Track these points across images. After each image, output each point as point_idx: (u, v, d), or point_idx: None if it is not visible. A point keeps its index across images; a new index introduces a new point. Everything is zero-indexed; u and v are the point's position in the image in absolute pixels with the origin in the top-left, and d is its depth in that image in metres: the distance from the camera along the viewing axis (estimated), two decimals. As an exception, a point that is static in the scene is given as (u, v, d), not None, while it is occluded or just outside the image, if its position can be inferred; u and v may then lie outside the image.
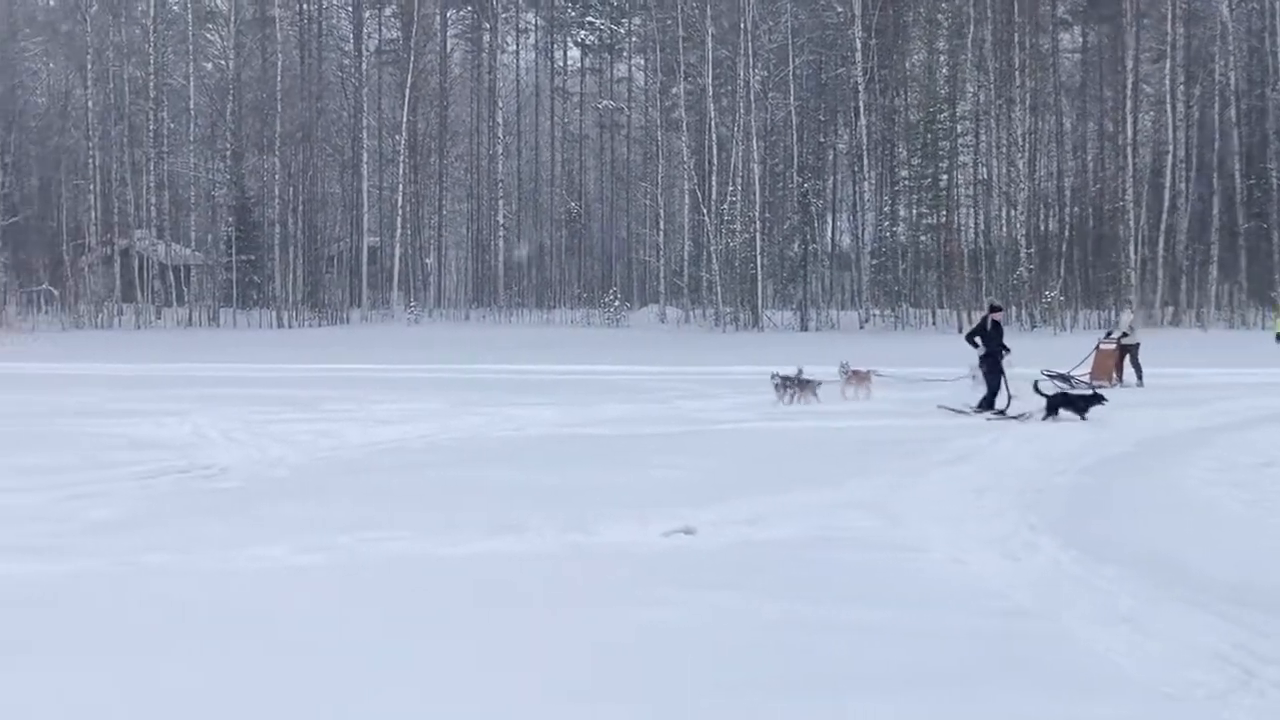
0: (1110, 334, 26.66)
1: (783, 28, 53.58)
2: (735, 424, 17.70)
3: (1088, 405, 17.94)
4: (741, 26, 51.86)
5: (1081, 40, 61.10)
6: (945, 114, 52.66)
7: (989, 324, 19.91)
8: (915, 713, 5.67)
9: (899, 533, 9.64)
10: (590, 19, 68.89)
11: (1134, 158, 51.30)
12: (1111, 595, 7.68)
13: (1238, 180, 51.38)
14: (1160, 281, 50.83)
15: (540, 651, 6.56)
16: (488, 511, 10.27)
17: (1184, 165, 51.91)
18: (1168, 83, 51.71)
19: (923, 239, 54.05)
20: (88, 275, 55.64)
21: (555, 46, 69.69)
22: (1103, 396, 18.28)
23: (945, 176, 53.46)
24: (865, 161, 55.31)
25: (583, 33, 69.35)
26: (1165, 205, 50.85)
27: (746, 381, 23.46)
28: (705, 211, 53.01)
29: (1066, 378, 22.79)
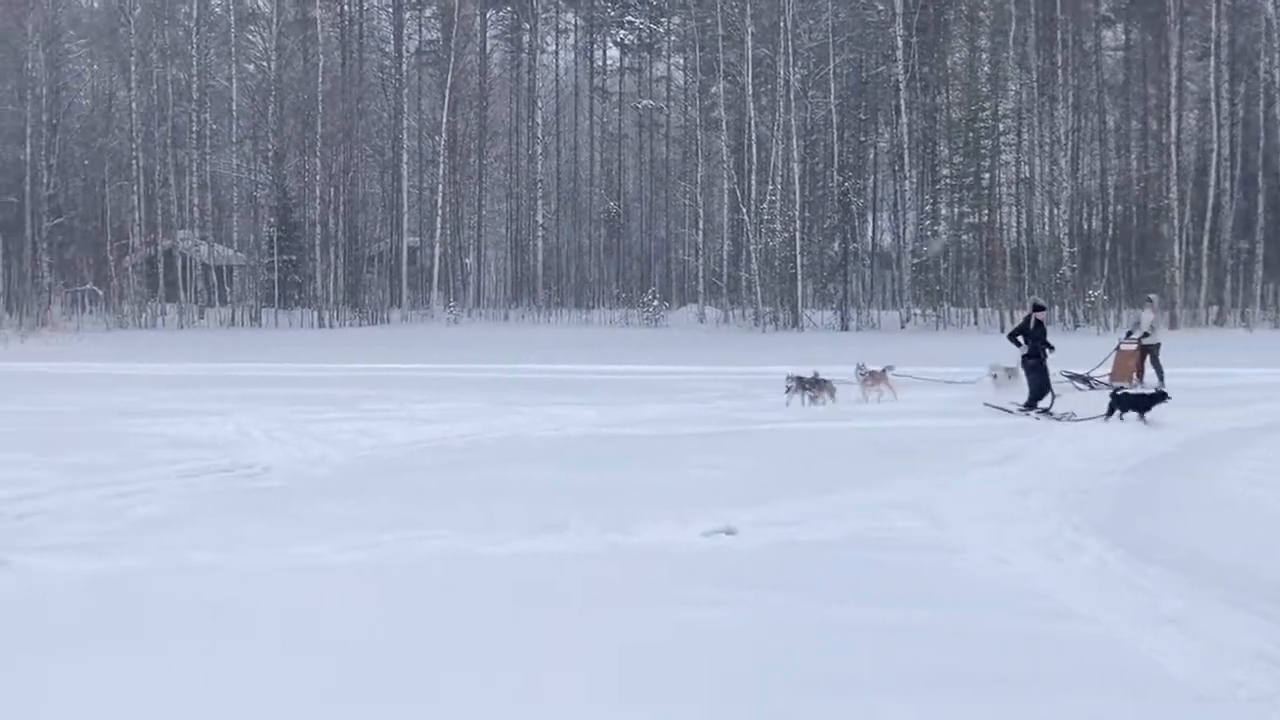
0: (1130, 334, 25.52)
1: (823, 26, 53.39)
2: (776, 424, 17.65)
3: (1151, 405, 17.53)
4: (781, 25, 51.67)
5: (1124, 38, 60.57)
6: (987, 112, 52.29)
7: (1032, 323, 19.81)
8: (958, 713, 5.64)
9: (942, 533, 9.60)
10: (629, 18, 68.79)
11: (1178, 156, 50.79)
12: (1155, 596, 7.62)
13: (1283, 178, 50.89)
14: (1205, 281, 50.33)
15: (579, 651, 6.56)
16: (528, 511, 10.28)
17: (1228, 164, 51.35)
18: (1212, 80, 51.19)
19: (964, 238, 53.75)
20: (131, 275, 56.02)
21: (594, 46, 69.71)
22: (1166, 394, 17.84)
23: (987, 175, 53.11)
24: (906, 160, 54.99)
25: (622, 32, 69.28)
26: (1209, 204, 50.36)
27: (787, 382, 23.39)
28: (744, 211, 52.88)
29: (1086, 378, 22.52)
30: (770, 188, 51.78)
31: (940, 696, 5.81)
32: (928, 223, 54.43)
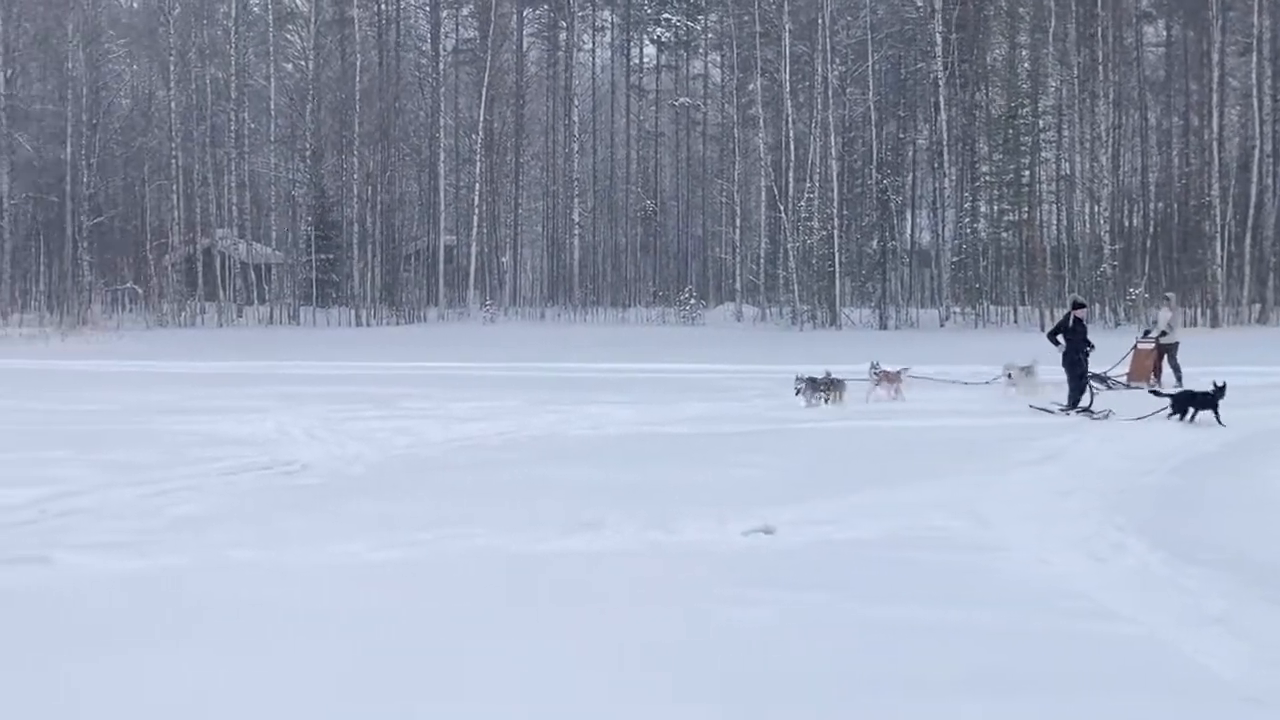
0: (1148, 333, 25.33)
1: (861, 23, 53.23)
2: (815, 423, 17.60)
3: (1217, 401, 17.07)
4: (819, 22, 51.49)
5: (1165, 34, 60.13)
6: (1027, 109, 51.98)
7: (1071, 321, 19.69)
8: (999, 713, 5.59)
9: (982, 533, 9.52)
10: (666, 16, 68.79)
11: (1220, 153, 50.33)
12: (1199, 596, 7.54)
13: (1327, 175, 50.38)
14: (1247, 278, 49.85)
15: (615, 650, 6.53)
16: (566, 509, 10.27)
17: (1271, 160, 50.86)
18: (1254, 76, 50.69)
19: (1004, 235, 53.42)
20: (171, 274, 56.45)
21: (631, 44, 69.73)
22: (1222, 391, 17.37)
23: (1027, 172, 52.79)
24: (945, 157, 54.72)
25: (659, 29, 69.29)
26: (1252, 201, 49.85)
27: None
28: (782, 208, 52.74)
29: (1103, 378, 22.31)
30: (808, 185, 51.62)
31: (982, 696, 5.75)
32: (967, 220, 54.13)
